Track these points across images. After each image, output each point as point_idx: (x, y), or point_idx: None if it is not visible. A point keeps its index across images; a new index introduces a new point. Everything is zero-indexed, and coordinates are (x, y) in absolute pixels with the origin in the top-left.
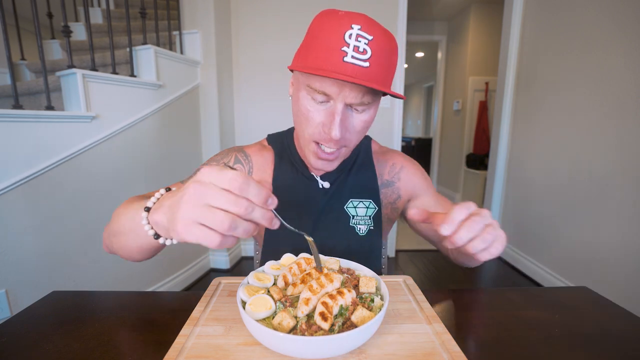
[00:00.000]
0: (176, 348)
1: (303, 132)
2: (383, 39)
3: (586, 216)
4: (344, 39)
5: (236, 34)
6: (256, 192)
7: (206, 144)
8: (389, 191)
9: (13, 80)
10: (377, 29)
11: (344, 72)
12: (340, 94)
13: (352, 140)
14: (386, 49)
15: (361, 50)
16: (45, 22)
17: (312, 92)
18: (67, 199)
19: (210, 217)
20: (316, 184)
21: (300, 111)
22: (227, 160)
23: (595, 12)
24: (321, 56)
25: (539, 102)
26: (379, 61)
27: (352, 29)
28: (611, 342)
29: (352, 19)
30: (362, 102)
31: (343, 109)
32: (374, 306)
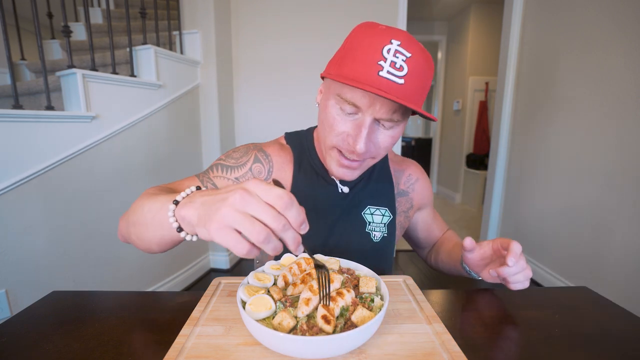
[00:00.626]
0: (176, 348)
1: (325, 139)
2: (421, 58)
3: (586, 216)
4: (382, 54)
5: (236, 34)
6: (296, 214)
7: (206, 144)
8: (403, 200)
9: (13, 80)
10: (416, 47)
11: (378, 86)
12: (371, 107)
13: (378, 154)
14: (423, 68)
15: (398, 66)
16: (45, 22)
17: (342, 102)
18: (67, 199)
19: (249, 227)
20: (335, 188)
21: (326, 119)
22: (245, 159)
23: (595, 12)
24: (357, 68)
25: (539, 102)
26: (414, 79)
27: (392, 44)
28: (611, 342)
29: (392, 34)
30: (392, 118)
31: (371, 123)
32: (374, 306)
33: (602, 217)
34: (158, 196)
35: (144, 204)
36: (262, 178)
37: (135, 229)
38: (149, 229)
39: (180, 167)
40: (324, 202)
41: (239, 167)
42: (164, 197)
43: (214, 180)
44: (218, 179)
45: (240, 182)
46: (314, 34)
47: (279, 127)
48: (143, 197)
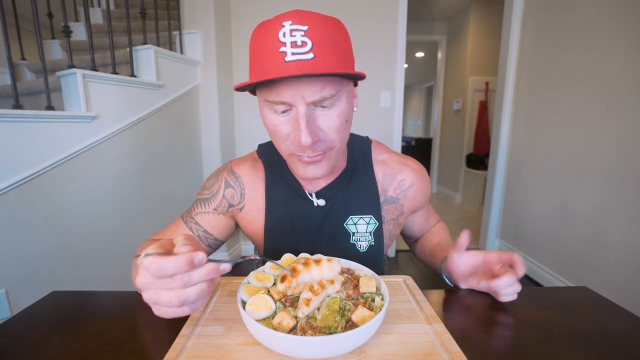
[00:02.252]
0: (176, 348)
1: (280, 149)
2: (320, 24)
3: (586, 216)
4: (279, 39)
5: (236, 34)
6: (173, 266)
7: (206, 144)
8: (392, 208)
9: (13, 80)
10: (311, 17)
11: (289, 72)
12: (297, 95)
13: (333, 139)
14: (328, 33)
15: (299, 43)
16: (45, 22)
17: (272, 106)
18: (67, 199)
19: (161, 299)
20: (311, 203)
21: (269, 129)
22: (217, 187)
23: (595, 11)
24: (264, 65)
25: (539, 102)
26: (323, 48)
27: (284, 26)
28: (611, 342)
29: (282, 18)
30: (324, 96)
31: (306, 112)
32: (374, 306)
33: (602, 217)
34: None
35: (134, 270)
36: (235, 202)
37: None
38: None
39: (181, 167)
40: (302, 219)
41: (213, 196)
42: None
43: (196, 219)
44: (199, 215)
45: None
46: None
47: None
48: (134, 263)
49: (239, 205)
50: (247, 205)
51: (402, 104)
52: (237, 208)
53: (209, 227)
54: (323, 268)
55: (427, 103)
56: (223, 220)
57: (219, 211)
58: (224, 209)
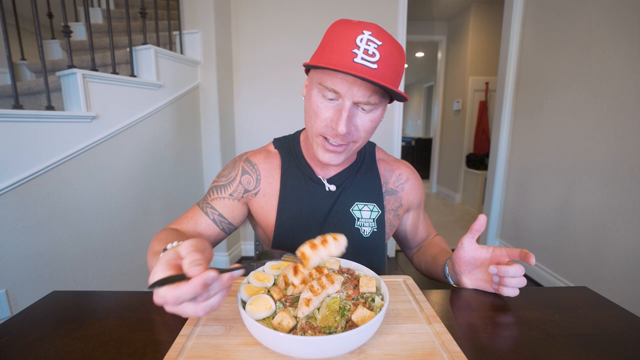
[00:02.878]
0: (176, 348)
1: (312, 127)
2: (392, 46)
3: (586, 216)
4: (355, 42)
5: (236, 34)
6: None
7: (206, 144)
8: (392, 199)
9: (13, 80)
10: (386, 36)
11: (354, 71)
12: (349, 91)
13: (359, 137)
14: (394, 55)
15: (370, 53)
16: (45, 22)
17: (323, 90)
18: (67, 199)
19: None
20: (323, 188)
21: (311, 108)
22: (234, 174)
23: (595, 11)
24: (334, 56)
25: (539, 102)
26: (386, 65)
27: (364, 34)
28: (611, 342)
29: (364, 26)
30: (369, 101)
31: (350, 107)
32: (375, 306)
33: (602, 217)
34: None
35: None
36: (251, 187)
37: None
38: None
39: (181, 167)
40: (313, 202)
41: (230, 183)
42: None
43: (212, 204)
44: (215, 201)
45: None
46: (314, 34)
47: (279, 126)
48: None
49: (254, 190)
50: (262, 190)
51: (402, 104)
52: (252, 193)
53: (224, 211)
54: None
55: (427, 103)
56: (238, 205)
57: (234, 197)
58: (239, 194)
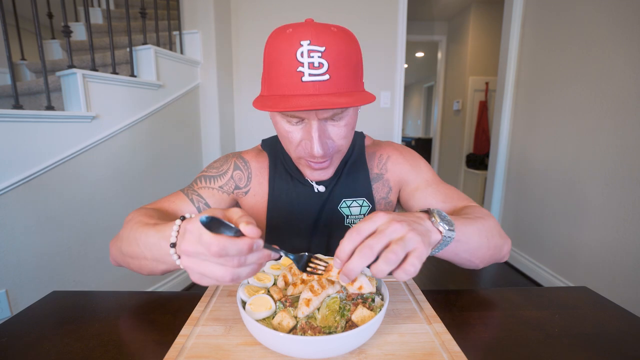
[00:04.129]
0: (176, 348)
1: (289, 152)
2: (336, 44)
3: (586, 216)
4: (297, 59)
5: (236, 34)
6: (236, 249)
7: (206, 144)
8: (380, 185)
9: (13, 80)
10: (326, 36)
11: (306, 92)
12: (312, 114)
13: (340, 146)
14: (342, 52)
15: (317, 65)
16: (45, 22)
17: (287, 117)
18: (67, 199)
19: (212, 276)
20: (311, 189)
21: (281, 135)
22: (226, 167)
23: (595, 11)
24: (282, 82)
25: (538, 102)
26: (338, 68)
27: (302, 46)
28: (611, 342)
29: (300, 36)
30: (335, 112)
31: (318, 126)
32: (375, 306)
33: (602, 217)
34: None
35: (137, 238)
36: (242, 184)
37: (134, 261)
38: (150, 263)
39: (180, 167)
40: (302, 204)
41: (221, 175)
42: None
43: (199, 192)
44: (203, 189)
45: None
46: None
47: None
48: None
49: (245, 188)
50: (253, 189)
51: (402, 104)
52: (243, 191)
53: (211, 201)
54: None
55: (427, 103)
56: (226, 199)
57: (224, 190)
58: (230, 189)
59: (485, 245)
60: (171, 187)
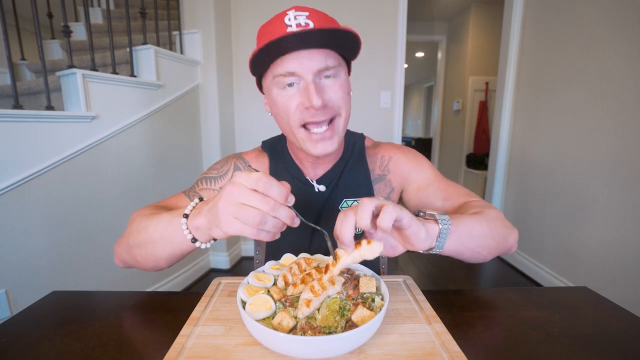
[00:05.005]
0: (176, 348)
1: (289, 123)
2: (319, 11)
3: (586, 216)
4: (285, 22)
5: (236, 34)
6: (277, 191)
7: (206, 144)
8: (382, 185)
9: (13, 80)
10: (311, 8)
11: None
12: (304, 65)
13: (339, 107)
14: (326, 17)
15: (303, 24)
16: (45, 22)
17: (281, 79)
18: (67, 199)
19: (244, 214)
20: (312, 189)
21: (278, 107)
22: (226, 168)
23: (595, 11)
24: (269, 38)
25: (539, 102)
26: (321, 21)
27: (288, 14)
28: (611, 342)
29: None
30: (327, 65)
31: (313, 80)
32: (374, 306)
33: (602, 217)
34: (159, 215)
35: (147, 225)
36: None
37: (141, 249)
38: (158, 246)
39: (180, 167)
40: (302, 203)
41: (221, 176)
42: (167, 214)
43: (201, 194)
44: (204, 191)
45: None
46: None
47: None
48: (140, 219)
49: None
50: None
51: (402, 104)
52: None
53: None
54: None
55: (427, 103)
56: None
57: None
58: None
59: (489, 234)
60: (171, 187)
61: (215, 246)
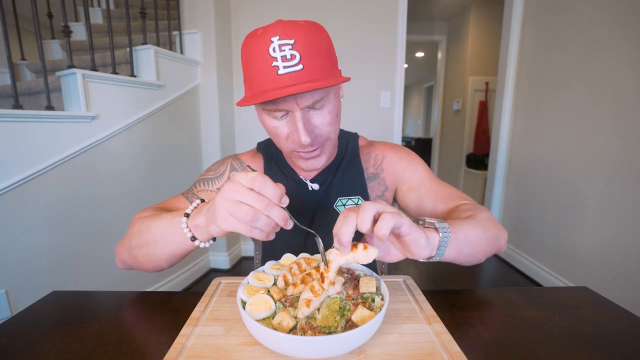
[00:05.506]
0: (176, 348)
1: (281, 147)
2: (304, 35)
3: (586, 216)
4: (270, 54)
5: (236, 34)
6: (272, 191)
7: (206, 144)
8: (376, 184)
9: (13, 80)
10: (294, 29)
11: (283, 84)
12: (293, 103)
13: (327, 133)
14: (312, 43)
15: (289, 57)
16: (45, 22)
17: (271, 113)
18: (67, 199)
19: (238, 210)
20: (306, 187)
21: (270, 132)
22: (223, 169)
23: (595, 11)
24: (260, 80)
25: (539, 102)
26: (310, 57)
27: (272, 42)
28: (611, 342)
29: (269, 34)
30: (315, 100)
31: (302, 116)
32: (374, 306)
33: (602, 217)
34: (160, 216)
35: (149, 225)
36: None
37: (142, 250)
38: (159, 246)
39: (180, 167)
40: (297, 203)
41: (218, 177)
42: (167, 215)
43: (199, 195)
44: (202, 192)
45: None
46: None
47: None
48: (141, 221)
49: None
50: None
51: (402, 104)
52: None
53: None
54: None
55: (427, 103)
56: None
57: None
58: None
59: (484, 237)
60: (171, 187)
61: (215, 246)
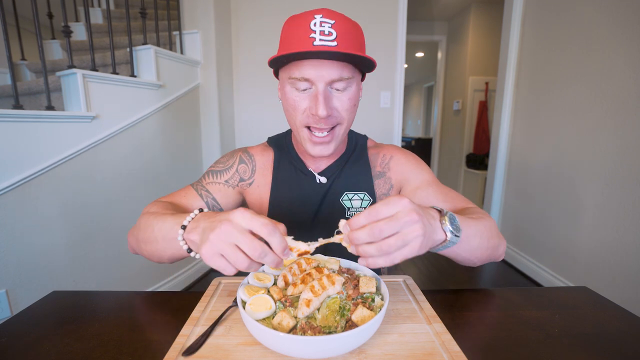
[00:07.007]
0: (176, 348)
1: (295, 121)
2: (345, 21)
3: (586, 216)
4: (310, 27)
5: (236, 34)
6: (278, 242)
7: (206, 144)
8: (382, 182)
9: (13, 80)
10: (337, 15)
11: (316, 54)
12: (319, 74)
13: (342, 118)
14: (350, 28)
15: (327, 32)
16: (45, 22)
17: (295, 82)
18: (67, 199)
19: (233, 256)
20: (314, 180)
21: (288, 104)
22: (232, 162)
23: (595, 11)
24: (295, 46)
25: (538, 102)
26: (345, 39)
27: (315, 18)
28: (611, 342)
29: (314, 12)
30: (341, 77)
31: (324, 89)
32: (374, 306)
33: (602, 217)
34: (165, 216)
35: (153, 224)
36: (246, 177)
37: (147, 246)
38: (160, 247)
39: (180, 167)
40: (304, 195)
41: (227, 169)
42: (170, 217)
43: (207, 187)
44: (210, 185)
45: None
46: None
47: (279, 126)
48: (149, 215)
49: (249, 180)
50: (256, 181)
51: (402, 104)
52: (247, 183)
53: (218, 196)
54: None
55: (427, 103)
56: (232, 193)
57: (230, 184)
58: (235, 182)
59: (484, 246)
60: (171, 187)
61: None
